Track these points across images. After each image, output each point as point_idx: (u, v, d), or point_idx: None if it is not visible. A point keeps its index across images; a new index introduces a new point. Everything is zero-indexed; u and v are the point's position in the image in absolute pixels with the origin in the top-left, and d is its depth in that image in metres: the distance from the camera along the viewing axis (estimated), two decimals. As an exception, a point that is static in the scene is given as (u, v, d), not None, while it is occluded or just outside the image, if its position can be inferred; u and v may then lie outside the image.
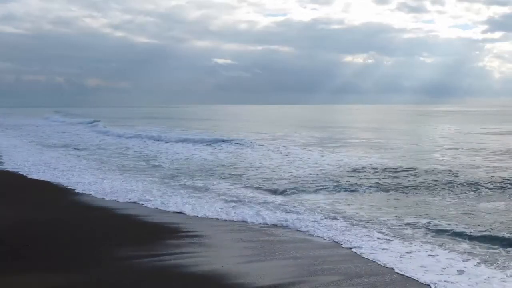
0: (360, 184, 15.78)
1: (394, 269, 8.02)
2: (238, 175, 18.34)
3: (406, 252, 8.87)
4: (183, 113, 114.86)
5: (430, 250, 9.01)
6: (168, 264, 8.32)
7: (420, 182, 16.01)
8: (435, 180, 16.09)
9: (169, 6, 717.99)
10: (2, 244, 9.27)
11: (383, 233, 10.19)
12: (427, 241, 9.58)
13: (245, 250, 9.22)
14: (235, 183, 16.58)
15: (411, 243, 9.45)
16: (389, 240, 9.70)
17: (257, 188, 15.77)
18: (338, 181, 16.27)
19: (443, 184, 15.54)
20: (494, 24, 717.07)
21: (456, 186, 15.17)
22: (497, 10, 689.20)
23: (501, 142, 30.79)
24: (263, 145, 28.26)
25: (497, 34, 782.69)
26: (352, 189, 15.19)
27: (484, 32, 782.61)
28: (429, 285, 7.32)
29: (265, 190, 15.40)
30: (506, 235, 9.75)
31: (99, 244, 9.57)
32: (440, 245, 9.28)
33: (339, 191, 14.92)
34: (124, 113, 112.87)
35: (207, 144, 29.94)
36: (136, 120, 74.04)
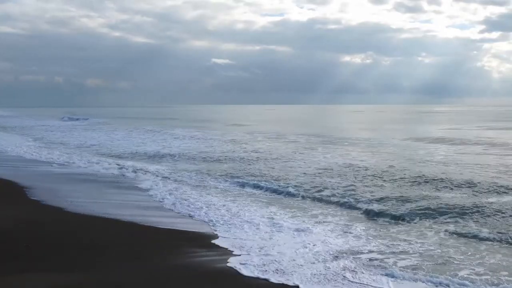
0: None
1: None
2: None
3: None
4: (173, 113, 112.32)
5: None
6: (168, 264, 8.36)
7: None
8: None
9: (166, 6, 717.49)
10: (2, 244, 9.28)
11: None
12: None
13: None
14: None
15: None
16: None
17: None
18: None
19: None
20: (491, 24, 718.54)
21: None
22: (494, 10, 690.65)
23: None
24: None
25: (495, 34, 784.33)
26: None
27: (481, 32, 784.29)
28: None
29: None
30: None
31: (98, 244, 9.57)
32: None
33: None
34: (115, 113, 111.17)
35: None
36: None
